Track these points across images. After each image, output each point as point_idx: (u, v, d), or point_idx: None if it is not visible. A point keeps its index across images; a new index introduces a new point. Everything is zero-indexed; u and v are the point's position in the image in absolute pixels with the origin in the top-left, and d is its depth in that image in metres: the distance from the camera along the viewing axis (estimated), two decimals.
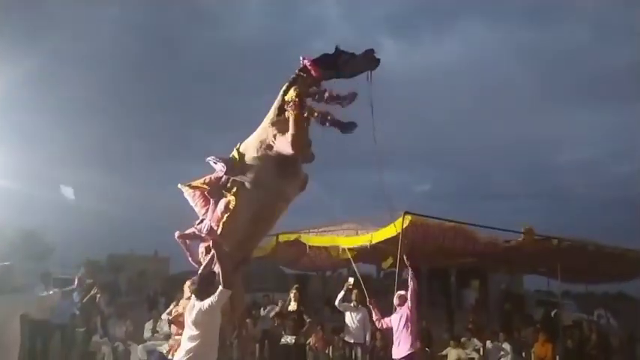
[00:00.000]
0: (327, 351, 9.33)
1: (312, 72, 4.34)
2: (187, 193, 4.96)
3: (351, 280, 8.20)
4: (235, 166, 4.48)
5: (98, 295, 9.01)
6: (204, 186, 4.74)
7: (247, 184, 4.43)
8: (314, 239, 10.21)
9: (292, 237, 10.46)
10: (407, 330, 6.25)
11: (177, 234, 4.87)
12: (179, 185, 4.97)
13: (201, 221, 4.72)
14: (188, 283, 5.91)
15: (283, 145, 4.21)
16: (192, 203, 4.99)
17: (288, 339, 7.56)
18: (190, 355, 4.03)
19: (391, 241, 8.19)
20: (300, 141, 4.22)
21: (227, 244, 4.47)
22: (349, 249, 9.43)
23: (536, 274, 13.46)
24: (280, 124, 4.36)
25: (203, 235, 4.62)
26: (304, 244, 10.38)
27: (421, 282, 15.40)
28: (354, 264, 9.39)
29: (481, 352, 9.18)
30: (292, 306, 8.06)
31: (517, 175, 66.16)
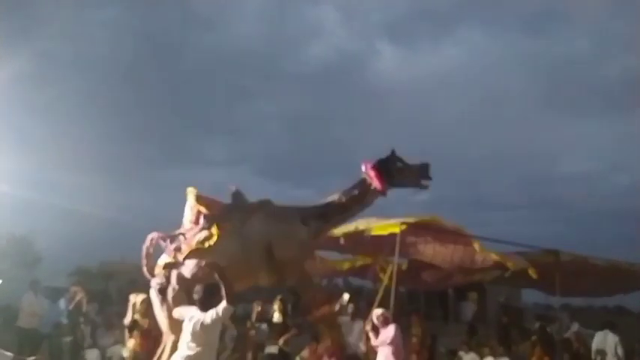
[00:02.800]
0: None
1: (379, 186, 4.61)
2: (190, 200, 4.90)
3: (346, 296, 8.09)
4: (246, 209, 4.47)
5: (85, 302, 8.85)
6: (206, 207, 4.68)
7: (236, 236, 4.42)
8: None
9: None
10: (392, 354, 5.86)
11: (154, 234, 4.79)
12: (189, 189, 4.90)
13: (178, 234, 4.66)
14: (133, 297, 5.91)
15: (284, 252, 4.39)
16: (186, 212, 4.93)
17: (272, 349, 7.46)
18: None
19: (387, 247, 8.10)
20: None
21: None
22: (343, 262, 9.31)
23: (533, 288, 13.36)
24: (302, 227, 4.52)
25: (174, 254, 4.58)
26: None
27: (418, 295, 15.30)
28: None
29: None
30: (277, 317, 7.87)
31: (515, 185, 66.24)
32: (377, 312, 6.26)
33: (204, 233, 4.50)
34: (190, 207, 4.87)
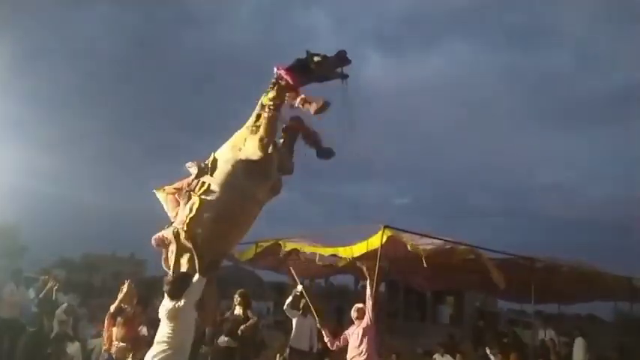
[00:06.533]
0: None
1: (289, 79, 4.40)
2: (161, 197, 4.98)
3: (299, 287, 8.25)
4: (205, 168, 4.59)
5: (55, 288, 8.84)
6: (175, 190, 4.78)
7: (213, 186, 4.49)
8: (292, 245, 10.14)
9: (270, 242, 10.43)
10: (366, 345, 5.99)
11: (154, 238, 4.85)
12: (154, 190, 5.00)
13: (171, 224, 4.73)
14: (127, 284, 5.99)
15: (250, 147, 4.34)
16: (165, 208, 5.01)
17: (223, 339, 7.43)
18: (163, 353, 4.01)
19: (370, 255, 8.23)
20: (268, 144, 4.32)
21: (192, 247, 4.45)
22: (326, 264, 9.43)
23: (507, 299, 13.63)
24: (255, 130, 4.46)
25: (166, 238, 4.63)
26: (281, 249, 10.33)
27: (398, 296, 15.54)
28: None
29: None
30: (237, 311, 7.77)
31: (495, 194, 67.13)
32: (357, 306, 6.33)
33: (188, 205, 4.56)
34: (165, 201, 4.96)
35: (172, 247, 4.64)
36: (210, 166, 4.61)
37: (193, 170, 4.62)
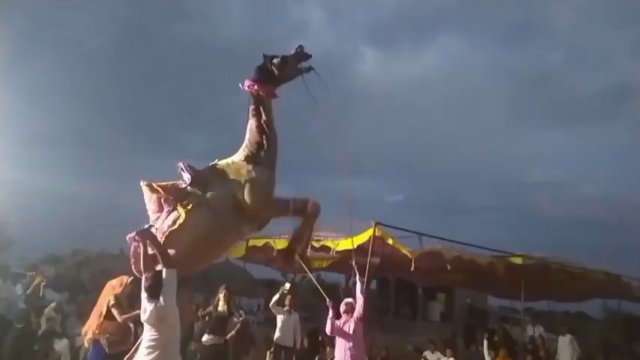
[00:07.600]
0: None
1: (262, 92, 4.49)
2: (146, 193, 4.80)
3: (287, 285, 8.36)
4: (202, 180, 4.45)
5: (43, 284, 8.74)
6: (164, 192, 4.62)
7: (203, 205, 4.35)
8: (281, 242, 10.12)
9: (261, 242, 10.43)
10: (358, 337, 6.13)
11: (131, 234, 4.69)
12: (141, 182, 4.83)
13: (149, 227, 4.59)
14: (114, 282, 5.90)
15: (251, 194, 4.33)
16: (147, 205, 4.83)
17: (209, 337, 7.36)
18: (153, 353, 3.90)
19: (358, 251, 8.23)
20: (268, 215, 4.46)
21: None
22: (321, 259, 9.46)
23: (498, 295, 13.70)
24: (254, 167, 4.46)
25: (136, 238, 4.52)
26: (273, 248, 10.34)
27: (389, 292, 15.55)
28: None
29: None
30: (222, 306, 7.69)
31: (487, 191, 67.53)
32: (346, 300, 6.48)
33: (172, 216, 4.42)
34: (149, 199, 4.75)
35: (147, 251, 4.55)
36: (206, 179, 4.46)
37: (186, 177, 4.44)
